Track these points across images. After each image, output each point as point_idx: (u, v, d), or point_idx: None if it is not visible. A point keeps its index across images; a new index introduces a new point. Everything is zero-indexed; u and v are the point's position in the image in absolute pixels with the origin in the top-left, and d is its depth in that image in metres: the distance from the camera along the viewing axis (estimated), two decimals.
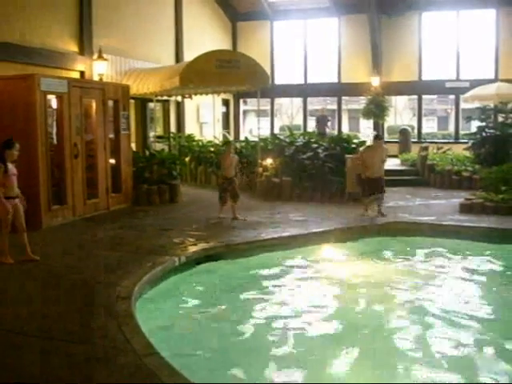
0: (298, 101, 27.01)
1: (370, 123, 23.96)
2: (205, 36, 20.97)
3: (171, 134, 18.88)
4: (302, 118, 25.31)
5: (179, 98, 19.04)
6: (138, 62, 16.64)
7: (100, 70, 14.44)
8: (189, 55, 17.28)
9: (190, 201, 13.70)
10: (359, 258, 9.17)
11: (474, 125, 18.75)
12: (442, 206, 12.83)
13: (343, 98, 24.75)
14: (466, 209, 11.92)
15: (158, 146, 16.95)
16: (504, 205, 11.69)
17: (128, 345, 5.01)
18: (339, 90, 23.75)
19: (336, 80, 23.66)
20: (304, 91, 24.25)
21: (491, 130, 16.95)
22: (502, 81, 19.23)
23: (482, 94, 18.34)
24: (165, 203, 13.11)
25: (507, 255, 9.12)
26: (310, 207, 12.58)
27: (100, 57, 14.42)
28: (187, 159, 16.96)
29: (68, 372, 4.56)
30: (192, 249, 8.70)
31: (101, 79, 14.12)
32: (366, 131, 23.46)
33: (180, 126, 19.82)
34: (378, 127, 22.85)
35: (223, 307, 6.94)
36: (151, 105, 18.01)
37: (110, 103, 12.47)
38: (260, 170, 14.60)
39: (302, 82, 24.16)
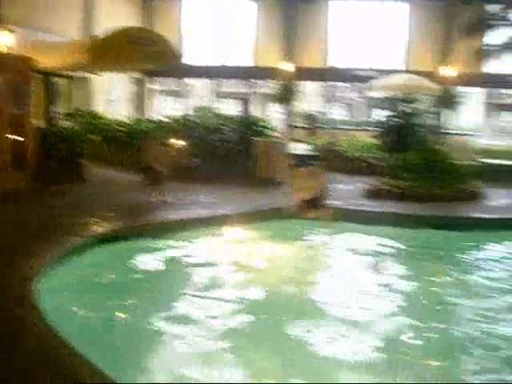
0: (211, 82, 26.90)
1: (279, 108, 24.18)
2: (116, 11, 20.47)
3: (78, 112, 18.33)
4: (213, 100, 25.23)
5: (88, 75, 18.51)
6: (44, 35, 16.01)
7: (4, 41, 13.78)
8: (98, 31, 16.80)
9: (97, 180, 13.38)
10: (260, 241, 9.26)
11: (382, 114, 19.29)
12: (349, 191, 13.13)
13: (256, 81, 24.87)
14: (371, 194, 12.30)
15: (65, 124, 16.42)
16: (407, 191, 12.14)
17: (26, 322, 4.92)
18: (251, 74, 23.83)
19: (249, 63, 23.74)
20: (217, 73, 24.18)
21: (396, 119, 17.49)
22: (411, 72, 19.88)
23: (390, 83, 18.89)
24: (70, 182, 12.73)
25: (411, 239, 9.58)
26: (220, 190, 12.57)
27: (4, 27, 13.75)
28: (94, 137, 16.52)
29: None
30: (96, 229, 8.52)
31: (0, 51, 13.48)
32: (276, 115, 23.63)
33: (88, 103, 19.30)
34: (287, 112, 23.12)
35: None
36: (58, 80, 17.40)
37: (11, 76, 11.91)
38: (169, 150, 14.41)
39: (215, 63, 24.08)
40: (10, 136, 11.83)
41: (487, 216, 11.07)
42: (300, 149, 17.81)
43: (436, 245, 9.36)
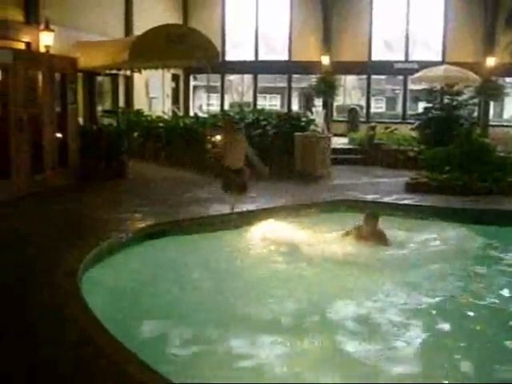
0: (249, 78, 26.96)
1: (320, 102, 24.11)
2: (155, 10, 20.67)
3: (119, 109, 18.61)
4: (252, 95, 25.29)
5: (128, 72, 18.77)
6: (87, 34, 16.29)
7: (47, 41, 14.08)
8: (138, 29, 17.03)
9: (138, 176, 13.59)
10: (308, 233, 9.26)
11: (422, 106, 19.11)
12: (389, 184, 13.07)
13: (294, 76, 24.83)
14: (411, 188, 12.20)
15: (106, 121, 16.69)
16: (448, 184, 12.01)
17: (74, 319, 5.03)
18: (289, 68, 23.81)
19: (287, 58, 23.72)
20: (254, 68, 24.22)
21: (437, 112, 17.30)
22: (449, 64, 19.59)
23: (429, 75, 18.64)
24: (112, 178, 12.95)
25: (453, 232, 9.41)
26: (259, 184, 12.61)
27: (47, 28, 14.05)
28: (135, 134, 16.76)
29: None
30: (139, 225, 8.66)
31: (47, 51, 13.79)
32: (315, 109, 23.56)
33: (129, 101, 19.57)
34: (327, 106, 23.04)
35: (166, 283, 6.92)
36: (99, 79, 17.71)
37: (57, 76, 12.19)
38: (209, 146, 14.53)
39: (253, 58, 24.12)
40: (58, 135, 12.09)
41: None
42: (340, 143, 17.79)
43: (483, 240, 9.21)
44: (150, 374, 4.01)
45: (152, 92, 21.08)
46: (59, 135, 12.18)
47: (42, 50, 13.85)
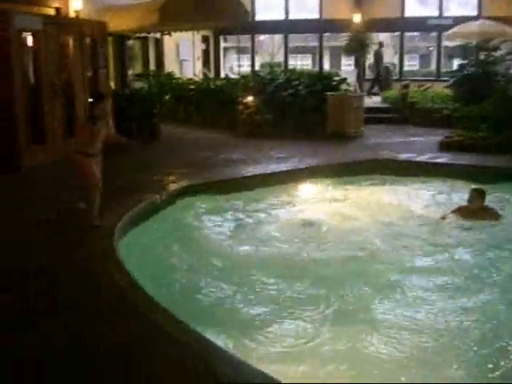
0: (279, 38, 26.64)
1: (352, 60, 23.77)
2: None
3: (150, 72, 18.60)
4: (283, 55, 25.02)
5: (158, 35, 18.69)
6: None
7: (76, 6, 14.05)
8: None
9: (171, 139, 13.64)
10: (342, 195, 9.26)
11: (456, 63, 18.70)
12: (423, 143, 12.91)
13: (324, 34, 24.45)
14: (445, 147, 12.03)
15: (137, 85, 16.72)
16: (483, 142, 11.80)
17: (112, 279, 5.12)
18: (320, 27, 23.43)
19: (317, 16, 23.33)
20: (285, 28, 23.90)
21: (472, 68, 16.91)
22: (485, 18, 19.06)
23: (464, 31, 18.16)
24: (145, 142, 13.00)
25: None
26: (292, 145, 12.60)
27: None
28: (167, 97, 16.78)
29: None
30: (173, 186, 8.73)
31: (77, 16, 13.77)
32: (348, 68, 23.28)
33: (159, 64, 19.53)
34: (359, 64, 22.69)
35: (203, 243, 7.00)
36: (130, 42, 17.67)
37: (88, 41, 12.20)
38: (241, 107, 14.51)
39: (283, 18, 23.78)
40: (89, 99, 12.13)
41: None
42: (373, 102, 17.59)
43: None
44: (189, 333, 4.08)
45: (182, 55, 20.99)
46: (92, 100, 12.22)
47: (72, 14, 13.83)
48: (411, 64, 29.09)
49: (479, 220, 7.63)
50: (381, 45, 20.64)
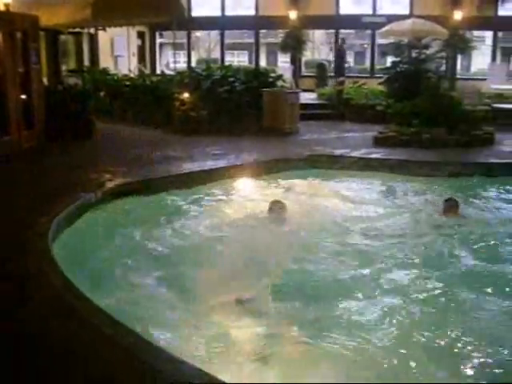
0: (216, 34, 26.61)
1: (288, 57, 23.95)
2: None
3: (84, 68, 18.26)
4: (219, 52, 25.00)
5: (92, 31, 18.36)
6: None
7: None
8: None
9: (106, 137, 13.41)
10: (277, 190, 9.33)
11: (390, 60, 19.08)
12: (357, 139, 13.13)
13: (261, 31, 24.55)
14: (379, 142, 12.29)
15: (72, 81, 16.36)
16: (416, 138, 12.11)
17: (46, 280, 5.00)
18: (257, 23, 23.52)
19: (253, 13, 23.40)
20: (221, 24, 23.88)
21: (405, 66, 17.30)
22: (417, 17, 19.51)
23: (397, 29, 18.56)
24: (80, 139, 12.77)
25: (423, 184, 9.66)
26: (228, 141, 12.59)
27: None
28: (102, 94, 16.51)
29: None
30: (108, 185, 8.59)
31: (7, 9, 13.37)
32: (283, 65, 23.42)
33: (94, 60, 19.21)
34: (295, 61, 22.89)
35: (138, 241, 6.94)
36: (63, 37, 17.29)
37: (19, 35, 11.86)
38: (177, 104, 14.40)
39: (219, 14, 23.75)
40: (21, 96, 11.83)
41: (501, 161, 11.04)
42: (309, 98, 17.76)
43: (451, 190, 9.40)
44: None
45: (117, 50, 20.72)
46: (24, 96, 11.92)
47: (1, 8, 13.43)
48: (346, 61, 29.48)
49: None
50: (343, 40, 20.94)
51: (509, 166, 10.60)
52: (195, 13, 23.37)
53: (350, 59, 30.11)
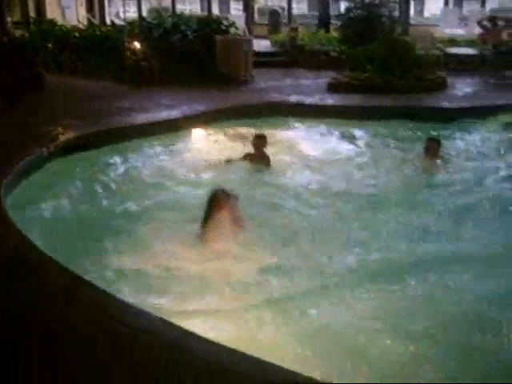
0: None
1: (240, 5, 23.56)
2: None
3: (31, 20, 17.64)
4: (170, 0, 24.40)
5: None
6: None
7: None
8: None
9: (56, 90, 13.04)
10: (232, 140, 9.28)
11: (343, 6, 18.93)
12: (311, 85, 13.10)
13: None
14: (333, 88, 12.30)
15: (17, 33, 15.81)
16: (369, 83, 12.14)
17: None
18: None
19: None
20: None
21: (358, 11, 17.18)
22: None
23: None
24: (29, 93, 12.38)
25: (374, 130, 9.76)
26: (182, 91, 12.41)
27: None
28: (50, 46, 15.99)
29: None
30: (60, 138, 8.38)
31: None
32: (236, 13, 23.08)
33: (40, 11, 18.57)
34: (247, 9, 22.53)
35: (92, 197, 6.89)
36: None
37: None
38: (128, 55, 14.07)
39: None
40: None
41: (452, 105, 11.22)
42: (262, 46, 17.57)
43: (404, 134, 9.52)
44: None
45: (64, 1, 20.06)
46: None
47: None
48: (300, 7, 29.23)
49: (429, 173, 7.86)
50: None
51: (463, 110, 10.78)
52: None
53: (304, 6, 29.89)
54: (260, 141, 7.86)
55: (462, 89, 12.83)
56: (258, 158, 7.75)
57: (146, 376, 2.98)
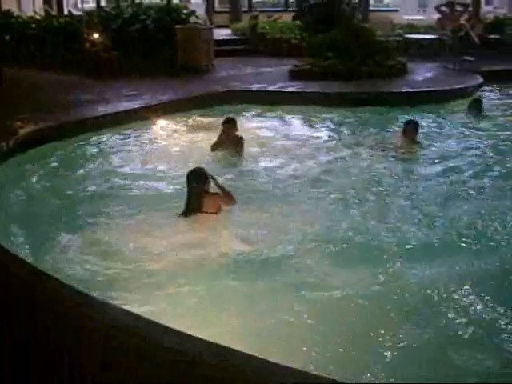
0: None
1: None
2: None
3: None
4: None
5: None
6: None
7: None
8: None
9: (14, 83, 12.80)
10: (196, 129, 9.25)
11: None
12: (273, 73, 13.12)
13: None
14: (295, 75, 12.35)
15: None
16: (331, 70, 12.20)
17: None
18: None
19: None
20: None
21: None
22: None
23: None
24: None
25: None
26: (142, 82, 12.30)
27: None
28: (7, 38, 15.67)
29: None
30: (20, 131, 8.25)
31: None
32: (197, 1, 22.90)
33: None
34: None
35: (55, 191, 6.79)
36: None
37: None
38: (87, 46, 13.87)
39: None
40: None
41: (414, 90, 11.41)
42: (223, 34, 17.51)
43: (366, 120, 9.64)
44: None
45: None
46: None
47: None
48: None
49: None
50: None
51: (423, 93, 10.95)
52: None
53: None
54: (230, 125, 7.86)
55: (422, 74, 13.02)
56: (231, 141, 7.75)
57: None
